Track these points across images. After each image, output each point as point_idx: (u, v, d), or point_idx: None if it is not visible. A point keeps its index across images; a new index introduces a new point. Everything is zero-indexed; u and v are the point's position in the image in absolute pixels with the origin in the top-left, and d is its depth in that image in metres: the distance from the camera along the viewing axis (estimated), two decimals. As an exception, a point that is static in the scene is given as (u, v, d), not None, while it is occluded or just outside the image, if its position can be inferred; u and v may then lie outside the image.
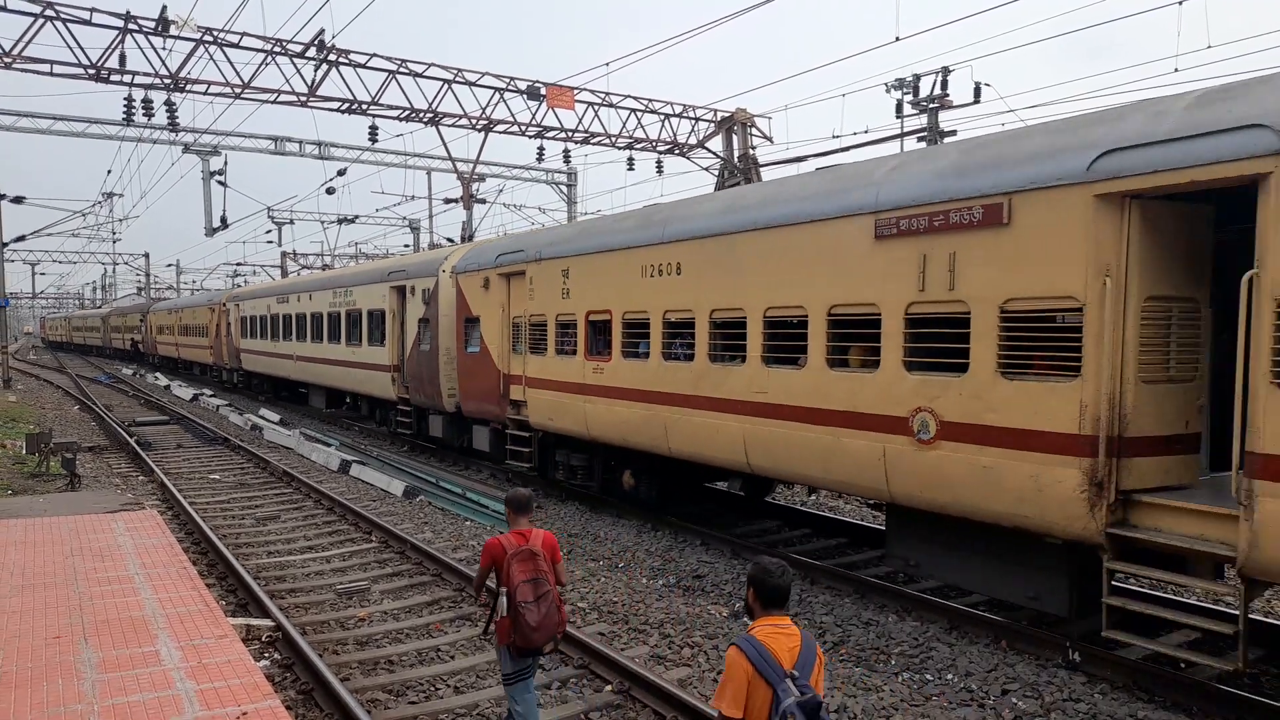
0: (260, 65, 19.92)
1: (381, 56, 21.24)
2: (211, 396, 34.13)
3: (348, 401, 28.25)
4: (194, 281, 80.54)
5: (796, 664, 3.75)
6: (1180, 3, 17.73)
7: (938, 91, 23.19)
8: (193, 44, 18.92)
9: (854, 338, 9.10)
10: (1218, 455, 7.77)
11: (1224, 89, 6.62)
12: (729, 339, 10.73)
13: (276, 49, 19.78)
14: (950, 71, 23.13)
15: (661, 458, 12.22)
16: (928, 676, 7.66)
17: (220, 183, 32.17)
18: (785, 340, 9.92)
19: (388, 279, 21.18)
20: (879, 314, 8.61)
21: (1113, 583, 7.10)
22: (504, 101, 23.38)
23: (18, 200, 35.52)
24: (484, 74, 22.81)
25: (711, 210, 11.22)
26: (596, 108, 24.78)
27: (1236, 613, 6.45)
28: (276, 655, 7.99)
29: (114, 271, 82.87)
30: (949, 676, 7.61)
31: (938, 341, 8.20)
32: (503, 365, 15.69)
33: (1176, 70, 24.62)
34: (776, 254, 9.85)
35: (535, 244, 14.88)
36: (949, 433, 7.95)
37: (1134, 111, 7.10)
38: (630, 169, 28.49)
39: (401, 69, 21.63)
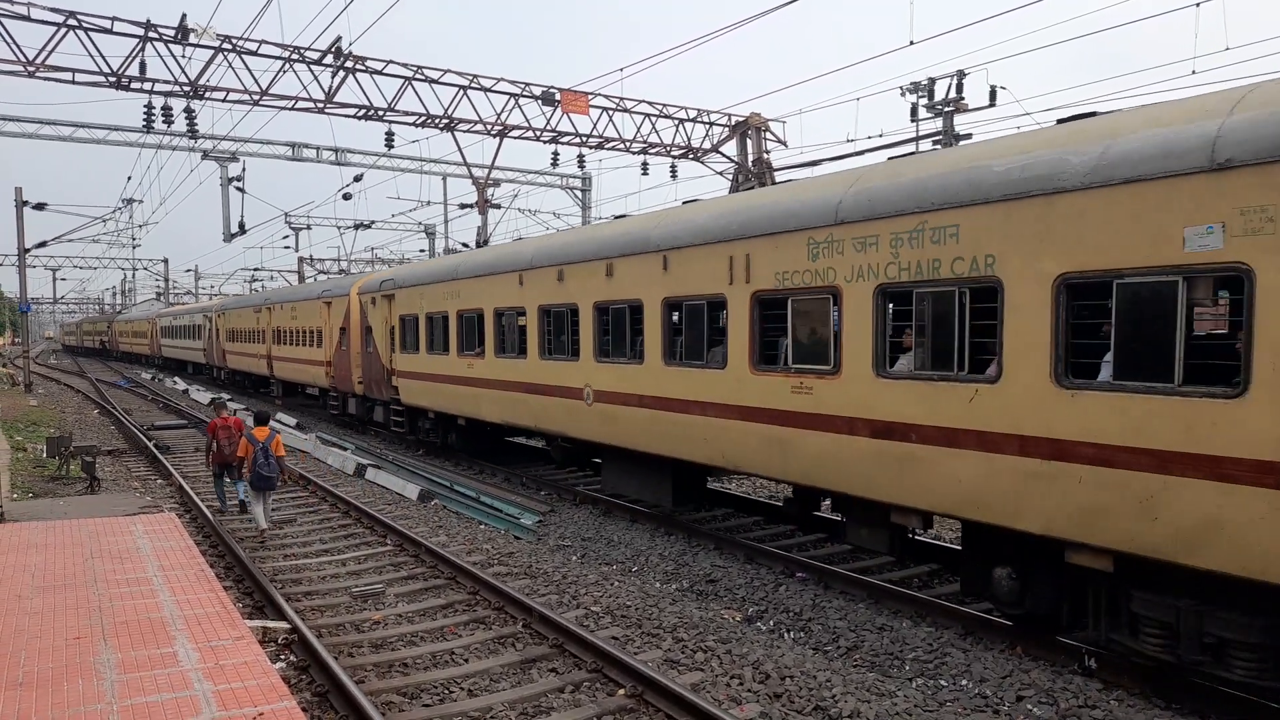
0: (278, 72, 20.11)
1: (398, 63, 21.39)
2: (230, 400, 34.38)
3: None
4: (212, 286, 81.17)
5: (265, 440, 12.32)
6: (1199, 4, 17.62)
7: (953, 95, 23.11)
8: (212, 52, 19.14)
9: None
10: None
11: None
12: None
13: (294, 56, 19.96)
14: (965, 75, 23.03)
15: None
16: (942, 682, 7.64)
17: (238, 189, 32.48)
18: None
19: (201, 312, 44.06)
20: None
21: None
22: (519, 107, 23.50)
23: (39, 207, 35.92)
24: (499, 80, 22.92)
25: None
26: (611, 113, 24.86)
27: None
28: (292, 657, 8.05)
29: (134, 277, 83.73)
30: (963, 683, 7.58)
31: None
32: (223, 347, 38.71)
33: (1194, 73, 24.40)
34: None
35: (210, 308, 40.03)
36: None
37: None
38: (645, 173, 28.62)
39: (417, 75, 21.78)
